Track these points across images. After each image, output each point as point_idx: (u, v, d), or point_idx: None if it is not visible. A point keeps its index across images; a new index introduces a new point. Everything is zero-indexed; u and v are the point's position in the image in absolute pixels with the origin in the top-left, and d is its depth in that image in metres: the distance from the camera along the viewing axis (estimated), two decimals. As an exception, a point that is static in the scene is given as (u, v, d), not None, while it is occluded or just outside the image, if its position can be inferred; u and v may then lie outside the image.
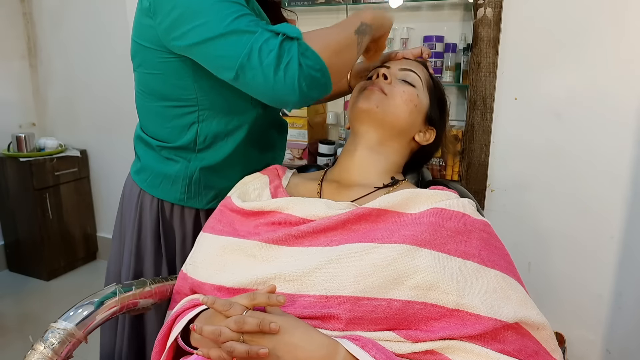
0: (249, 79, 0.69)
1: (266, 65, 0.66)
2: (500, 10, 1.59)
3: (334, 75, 0.73)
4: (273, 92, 0.69)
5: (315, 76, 0.69)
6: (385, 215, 0.70)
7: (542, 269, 1.72)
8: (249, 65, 0.67)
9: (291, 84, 0.67)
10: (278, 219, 0.74)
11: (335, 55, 0.71)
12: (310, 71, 0.68)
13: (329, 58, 0.70)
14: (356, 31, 0.75)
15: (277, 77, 0.67)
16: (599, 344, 1.69)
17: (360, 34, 0.76)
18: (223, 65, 0.70)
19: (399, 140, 0.85)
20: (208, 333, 0.57)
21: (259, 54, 0.66)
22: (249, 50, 0.67)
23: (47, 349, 0.67)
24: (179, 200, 0.93)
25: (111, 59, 2.48)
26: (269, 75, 0.66)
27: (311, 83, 0.69)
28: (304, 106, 0.75)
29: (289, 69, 0.66)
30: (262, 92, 0.70)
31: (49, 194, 2.45)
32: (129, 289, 0.81)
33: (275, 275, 0.66)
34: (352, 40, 0.75)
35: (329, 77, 0.71)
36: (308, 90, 0.69)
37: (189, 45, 0.72)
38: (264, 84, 0.68)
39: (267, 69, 0.66)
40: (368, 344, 0.58)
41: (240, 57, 0.67)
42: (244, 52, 0.67)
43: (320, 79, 0.70)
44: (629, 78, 1.49)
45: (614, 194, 1.57)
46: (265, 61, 0.66)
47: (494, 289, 0.64)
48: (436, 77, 0.93)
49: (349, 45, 0.75)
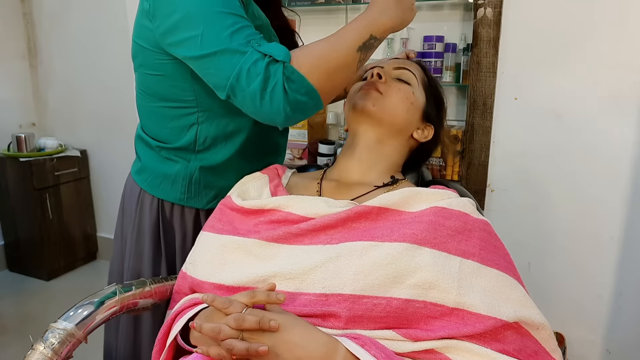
0: (239, 100, 0.69)
1: (253, 89, 0.66)
2: (500, 10, 1.59)
3: (327, 95, 0.71)
4: (261, 115, 0.70)
5: (301, 100, 0.68)
6: (386, 214, 0.70)
7: (542, 269, 1.72)
8: (238, 87, 0.67)
9: (277, 108, 0.67)
10: (278, 217, 0.74)
11: (327, 77, 0.68)
12: (296, 95, 0.67)
13: (318, 80, 0.68)
14: (360, 48, 0.70)
15: (264, 102, 0.67)
16: (599, 344, 1.69)
17: (364, 50, 0.70)
18: (215, 84, 0.71)
19: (397, 138, 0.85)
20: (208, 331, 0.57)
21: (247, 76, 0.66)
22: (237, 72, 0.67)
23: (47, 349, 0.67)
24: (179, 200, 0.93)
25: (111, 59, 2.48)
26: (256, 99, 0.67)
27: (296, 107, 0.68)
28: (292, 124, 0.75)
29: (274, 93, 0.66)
30: (252, 113, 0.71)
31: (49, 194, 2.46)
32: (128, 289, 0.81)
33: (275, 273, 0.66)
34: (352, 59, 0.70)
35: (318, 98, 0.69)
36: (293, 114, 0.69)
37: (184, 57, 0.73)
38: (252, 106, 0.69)
39: (254, 92, 0.66)
40: (368, 342, 0.58)
41: (230, 78, 0.67)
42: (234, 74, 0.67)
43: (307, 102, 0.68)
44: (629, 78, 1.49)
45: (614, 194, 1.57)
46: (252, 85, 0.66)
47: (493, 288, 0.64)
48: (431, 74, 0.93)
49: (348, 64, 0.70)
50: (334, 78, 0.69)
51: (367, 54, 0.73)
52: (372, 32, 0.71)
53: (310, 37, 0.84)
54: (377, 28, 0.72)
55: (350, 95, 0.87)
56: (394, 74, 0.87)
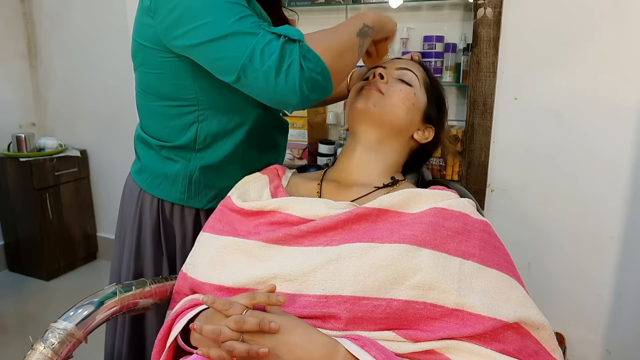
0: (250, 80, 0.69)
1: (268, 67, 0.66)
2: (500, 10, 1.59)
3: (335, 77, 0.73)
4: (274, 95, 0.69)
5: (316, 79, 0.69)
6: (385, 215, 0.70)
7: (542, 269, 1.72)
8: (250, 67, 0.67)
9: (292, 86, 0.67)
10: (278, 219, 0.74)
11: (337, 57, 0.71)
12: (312, 74, 0.68)
13: (330, 60, 0.70)
14: (358, 33, 0.75)
15: (279, 80, 0.67)
16: (599, 344, 1.69)
17: (362, 36, 0.76)
18: (224, 67, 0.70)
19: (397, 139, 0.85)
20: (208, 332, 0.57)
21: (260, 55, 0.66)
22: (250, 52, 0.66)
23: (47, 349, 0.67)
24: (179, 200, 0.93)
25: (111, 59, 2.48)
26: (271, 77, 0.67)
27: (312, 85, 0.69)
28: (304, 108, 0.75)
29: (290, 71, 0.67)
30: (263, 94, 0.71)
31: (49, 194, 2.45)
32: (128, 289, 0.81)
33: (275, 275, 0.66)
34: (353, 43, 0.75)
35: (330, 79, 0.71)
36: (309, 93, 0.69)
37: (190, 45, 0.72)
38: (265, 86, 0.68)
39: (269, 71, 0.66)
40: (368, 343, 0.58)
41: (242, 58, 0.67)
42: (246, 54, 0.67)
43: (321, 81, 0.70)
44: (629, 78, 1.49)
45: (614, 194, 1.57)
46: (267, 63, 0.66)
47: (494, 289, 0.64)
48: (434, 75, 0.93)
49: (351, 47, 0.74)
50: (342, 58, 0.73)
51: (365, 41, 0.77)
52: (364, 22, 0.77)
53: (310, 38, 0.85)
54: (366, 18, 0.78)
55: (351, 95, 0.87)
56: (395, 74, 0.87)
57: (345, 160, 0.85)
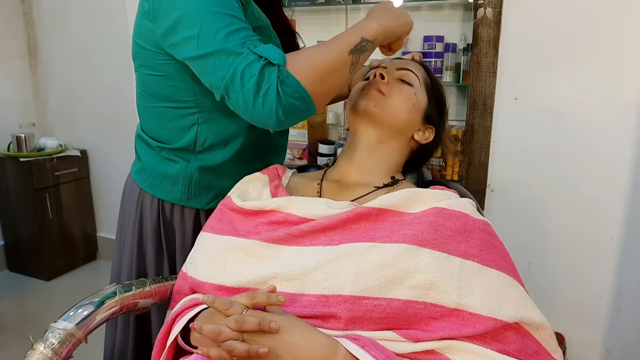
0: (232, 100, 0.70)
1: (247, 90, 0.67)
2: (500, 10, 1.59)
3: (320, 100, 0.71)
4: (252, 117, 0.70)
5: (294, 104, 0.68)
6: (386, 215, 0.70)
7: (542, 269, 1.72)
8: (232, 88, 0.68)
9: (269, 111, 0.67)
10: (278, 218, 0.74)
11: (320, 80, 0.69)
12: (289, 99, 0.67)
13: (312, 84, 0.68)
14: (351, 51, 0.71)
15: (257, 104, 0.67)
16: (599, 344, 1.69)
17: (356, 52, 0.72)
18: (211, 85, 0.72)
19: (398, 139, 0.85)
20: (208, 332, 0.57)
21: (241, 78, 0.66)
22: (232, 73, 0.67)
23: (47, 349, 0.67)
24: (179, 201, 0.93)
25: (111, 59, 2.48)
26: (249, 100, 0.67)
27: (289, 111, 0.68)
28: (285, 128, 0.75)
29: (267, 96, 0.66)
30: (244, 115, 0.71)
31: (49, 194, 2.45)
32: (128, 289, 0.81)
33: (275, 274, 0.66)
34: (344, 62, 0.71)
35: (311, 102, 0.70)
36: (285, 118, 0.69)
37: (182, 58, 0.74)
38: (244, 108, 0.69)
39: (247, 94, 0.67)
40: (368, 343, 0.58)
41: (225, 79, 0.68)
42: (228, 75, 0.67)
43: (300, 106, 0.69)
44: (629, 78, 1.49)
45: (614, 194, 1.57)
46: (246, 86, 0.66)
47: (494, 289, 0.64)
48: (435, 75, 0.93)
49: (340, 68, 0.71)
50: (327, 81, 0.70)
51: (361, 57, 0.74)
52: (363, 35, 0.73)
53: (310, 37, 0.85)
54: (368, 31, 0.74)
55: (352, 95, 0.87)
56: (396, 74, 0.86)
57: (345, 160, 0.85)
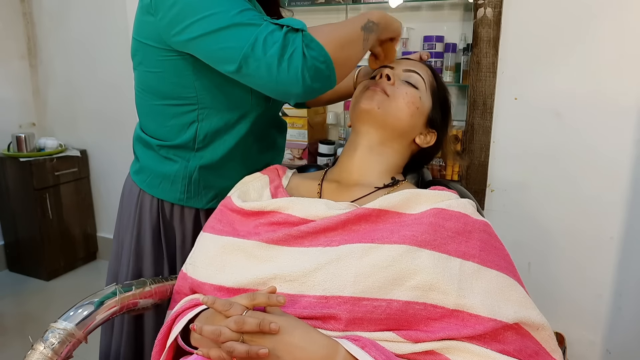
0: (252, 70, 0.68)
1: (270, 55, 0.66)
2: (500, 10, 1.59)
3: (339, 69, 0.72)
4: (276, 84, 0.69)
5: (319, 67, 0.68)
6: (386, 216, 0.70)
7: (542, 269, 1.72)
8: (252, 56, 0.67)
9: (294, 74, 0.67)
10: (278, 219, 0.74)
11: (340, 48, 0.71)
12: (315, 62, 0.68)
13: (333, 50, 0.69)
14: (363, 27, 0.74)
15: (281, 68, 0.66)
16: (599, 344, 1.69)
17: (366, 30, 0.75)
18: (226, 57, 0.70)
19: (399, 141, 0.85)
20: (208, 333, 0.57)
21: (263, 45, 0.66)
22: (253, 41, 0.67)
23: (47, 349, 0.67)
24: (178, 200, 0.93)
25: (111, 59, 2.48)
26: (273, 65, 0.66)
27: (315, 74, 0.68)
28: (307, 99, 0.74)
29: (292, 59, 0.66)
30: (265, 84, 0.70)
31: (49, 194, 2.45)
32: (129, 289, 0.81)
33: (275, 275, 0.66)
34: (358, 35, 0.74)
35: (333, 69, 0.71)
36: (312, 82, 0.68)
37: (191, 38, 0.72)
38: (267, 75, 0.68)
39: (271, 59, 0.66)
40: (368, 344, 0.58)
41: (245, 48, 0.67)
42: (248, 43, 0.67)
43: (324, 70, 0.69)
44: (629, 78, 1.49)
45: (614, 194, 1.57)
46: (269, 52, 0.66)
47: (494, 290, 0.64)
48: (441, 79, 0.92)
49: (355, 40, 0.74)
50: (346, 50, 0.72)
51: (370, 36, 0.76)
52: (370, 18, 0.76)
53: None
54: (372, 15, 0.77)
55: (356, 93, 0.87)
56: (402, 76, 0.86)
57: (346, 160, 0.85)
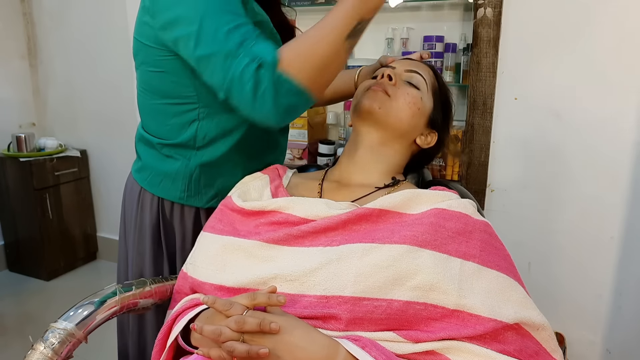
0: (235, 103, 0.71)
1: (245, 93, 0.68)
2: (500, 10, 1.59)
3: (319, 90, 0.71)
4: (255, 118, 0.72)
5: (290, 102, 0.69)
6: (386, 216, 0.70)
7: (542, 269, 1.72)
8: (233, 91, 0.69)
9: (268, 111, 0.69)
10: (279, 219, 0.74)
11: (317, 73, 0.68)
12: (284, 99, 0.68)
13: (308, 80, 0.68)
14: (348, 36, 0.67)
15: (256, 105, 0.69)
16: (599, 344, 1.69)
17: (352, 37, 0.68)
18: (213, 85, 0.73)
19: (400, 142, 0.85)
20: (208, 332, 0.57)
21: (239, 81, 0.68)
22: (231, 77, 0.68)
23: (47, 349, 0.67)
24: (179, 199, 0.93)
25: (111, 59, 2.48)
26: (249, 102, 0.69)
27: (287, 109, 0.70)
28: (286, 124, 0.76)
29: (264, 98, 0.67)
30: (248, 115, 0.73)
31: (49, 194, 2.45)
32: (129, 289, 0.81)
33: (276, 275, 0.66)
34: (339, 50, 0.68)
35: (307, 96, 0.70)
36: (285, 115, 0.71)
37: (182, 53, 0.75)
38: (247, 110, 0.71)
39: (247, 96, 0.68)
40: (368, 344, 0.58)
41: (226, 82, 0.69)
42: (228, 79, 0.68)
43: (297, 101, 0.70)
44: (630, 78, 1.49)
45: (614, 194, 1.57)
46: (245, 89, 0.67)
47: (494, 290, 0.64)
48: (443, 80, 0.92)
49: (335, 58, 0.68)
50: (323, 72, 0.69)
51: (356, 39, 0.70)
52: (362, 16, 0.67)
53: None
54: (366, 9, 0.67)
55: (357, 93, 0.87)
56: (404, 76, 0.86)
57: (346, 160, 0.85)
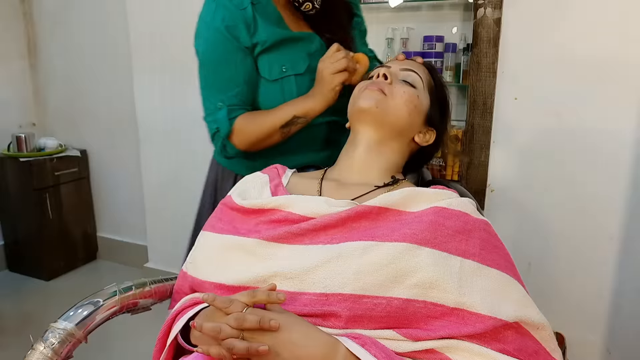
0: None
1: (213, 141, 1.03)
2: (500, 10, 1.59)
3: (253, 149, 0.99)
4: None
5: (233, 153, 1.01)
6: (386, 214, 0.70)
7: (542, 269, 1.72)
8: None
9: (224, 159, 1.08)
10: (278, 217, 0.74)
11: (253, 146, 0.98)
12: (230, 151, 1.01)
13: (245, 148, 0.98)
14: (283, 126, 0.95)
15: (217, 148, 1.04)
16: (599, 344, 1.69)
17: (287, 127, 0.95)
18: None
19: (398, 140, 0.85)
20: (208, 330, 0.57)
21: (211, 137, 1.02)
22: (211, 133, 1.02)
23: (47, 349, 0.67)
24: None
25: (111, 59, 2.48)
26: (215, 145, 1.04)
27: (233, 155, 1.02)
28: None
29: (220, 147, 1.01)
30: None
31: (49, 194, 2.45)
32: (128, 288, 0.81)
33: (276, 273, 0.66)
34: (275, 134, 0.96)
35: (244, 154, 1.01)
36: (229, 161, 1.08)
37: None
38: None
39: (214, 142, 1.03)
40: (368, 342, 0.58)
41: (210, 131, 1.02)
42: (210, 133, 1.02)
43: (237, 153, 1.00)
44: (630, 78, 1.49)
45: (613, 194, 1.57)
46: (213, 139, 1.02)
47: (494, 288, 0.65)
48: (439, 77, 0.92)
49: (271, 137, 0.97)
50: (259, 144, 0.99)
51: (292, 128, 0.96)
52: (296, 113, 0.95)
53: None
54: (302, 109, 0.95)
55: (354, 94, 0.87)
56: (400, 75, 0.86)
57: (345, 160, 0.86)
